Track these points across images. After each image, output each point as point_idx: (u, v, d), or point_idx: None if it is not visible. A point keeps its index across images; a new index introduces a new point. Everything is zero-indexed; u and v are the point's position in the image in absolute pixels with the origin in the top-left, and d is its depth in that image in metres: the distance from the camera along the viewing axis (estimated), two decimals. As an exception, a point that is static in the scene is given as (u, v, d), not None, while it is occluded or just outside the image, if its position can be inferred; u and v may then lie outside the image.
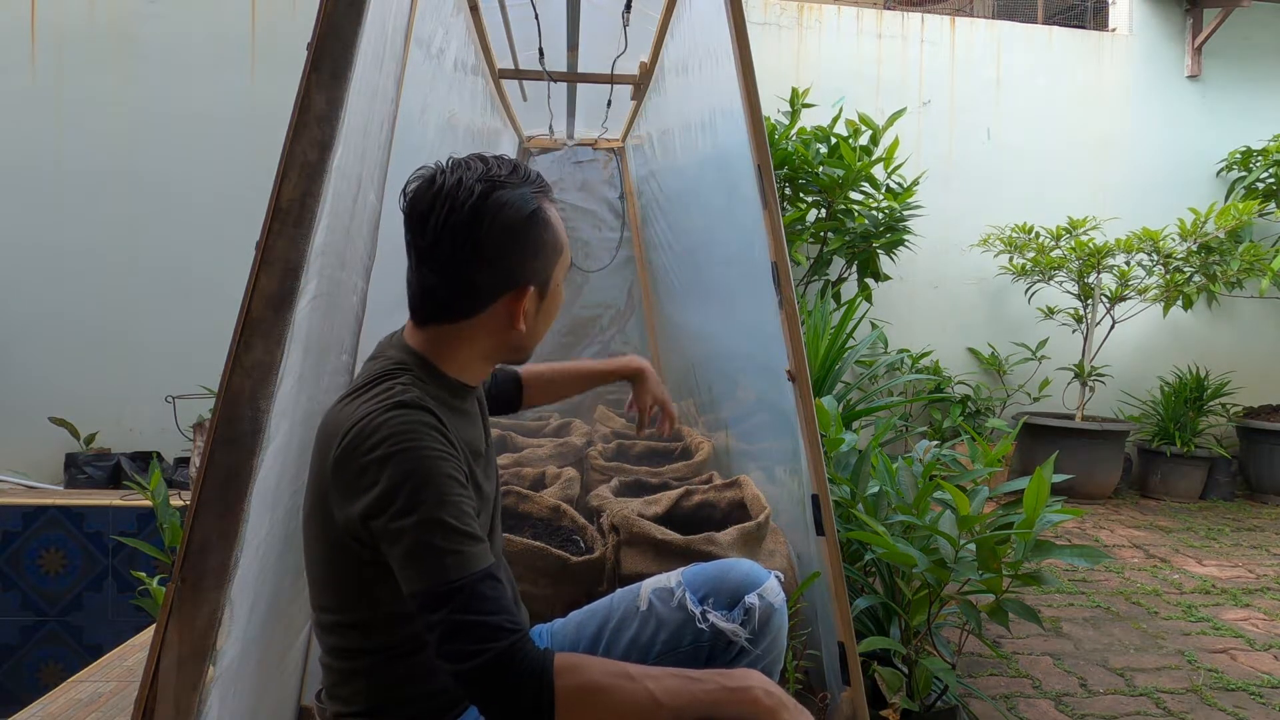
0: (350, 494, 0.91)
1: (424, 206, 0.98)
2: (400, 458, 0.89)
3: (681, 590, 1.16)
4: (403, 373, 1.00)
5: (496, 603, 0.86)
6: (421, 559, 0.86)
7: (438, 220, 0.97)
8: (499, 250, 0.99)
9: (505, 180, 0.99)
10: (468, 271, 0.99)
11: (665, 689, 0.89)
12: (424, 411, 0.93)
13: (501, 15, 2.38)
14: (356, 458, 0.90)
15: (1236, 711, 2.14)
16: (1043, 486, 1.65)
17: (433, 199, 0.98)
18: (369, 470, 0.89)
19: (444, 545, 0.87)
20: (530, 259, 1.02)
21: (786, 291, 1.50)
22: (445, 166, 1.01)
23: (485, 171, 0.99)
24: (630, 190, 3.88)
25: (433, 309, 1.02)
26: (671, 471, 2.36)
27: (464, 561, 0.87)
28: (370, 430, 0.90)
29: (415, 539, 0.87)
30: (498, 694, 0.84)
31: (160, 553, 1.93)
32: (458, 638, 0.84)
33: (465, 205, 0.96)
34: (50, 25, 4.03)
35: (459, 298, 1.01)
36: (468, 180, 0.98)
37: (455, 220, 0.96)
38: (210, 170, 4.09)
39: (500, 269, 1.00)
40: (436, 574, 0.86)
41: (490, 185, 0.98)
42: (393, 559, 0.89)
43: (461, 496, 0.91)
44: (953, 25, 5.17)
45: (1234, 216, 4.47)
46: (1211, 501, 4.87)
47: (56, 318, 4.01)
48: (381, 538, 0.89)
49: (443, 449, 0.92)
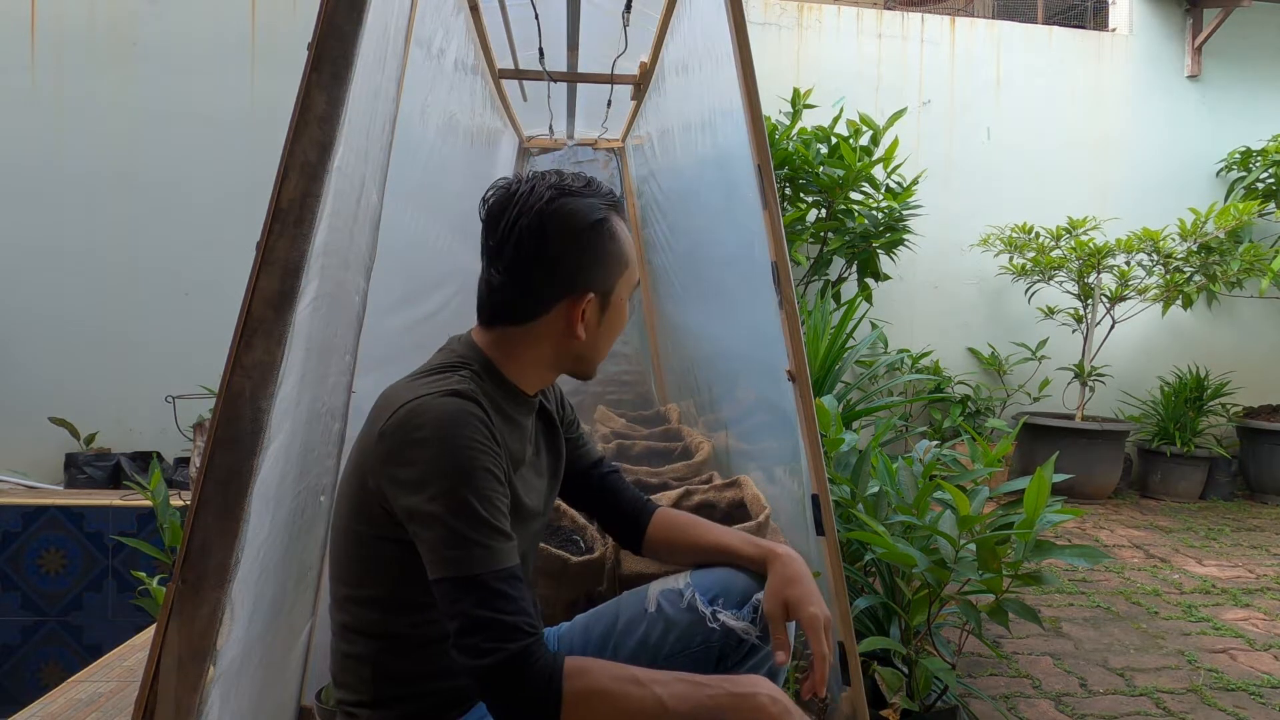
0: (390, 466, 0.93)
1: (497, 209, 1.04)
2: (443, 444, 0.91)
3: (691, 591, 1.16)
4: (464, 367, 1.04)
5: (517, 603, 0.88)
6: (450, 547, 0.89)
7: (507, 222, 1.02)
8: (561, 254, 1.02)
9: (577, 190, 1.04)
10: (531, 273, 1.03)
11: (672, 694, 0.90)
12: (475, 404, 0.96)
13: (501, 15, 2.38)
14: (403, 433, 0.93)
15: (1236, 711, 2.14)
16: (1043, 487, 1.65)
17: (506, 202, 1.03)
18: (413, 448, 0.92)
19: (473, 536, 0.89)
20: (592, 266, 1.05)
21: (786, 291, 1.50)
22: (522, 178, 1.06)
23: (558, 181, 1.04)
24: (630, 190, 3.88)
25: (497, 309, 1.06)
26: (671, 471, 2.36)
27: (490, 556, 0.89)
28: (421, 410, 0.93)
29: (447, 526, 0.89)
30: (507, 693, 0.86)
31: (160, 553, 1.93)
32: (476, 632, 0.86)
33: (533, 209, 1.01)
34: (50, 25, 4.03)
35: (522, 299, 1.04)
36: (540, 188, 1.03)
37: (523, 222, 1.01)
38: (210, 170, 4.09)
39: (562, 273, 1.03)
40: (462, 564, 0.88)
41: (560, 192, 1.03)
42: (420, 542, 0.91)
43: (496, 492, 0.93)
44: (953, 25, 5.18)
45: (1234, 217, 4.47)
46: (1211, 501, 4.87)
47: (56, 318, 4.01)
48: (412, 518, 0.91)
49: (486, 443, 0.94)
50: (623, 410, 3.35)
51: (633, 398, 3.78)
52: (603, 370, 1.53)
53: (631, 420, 3.17)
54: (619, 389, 3.78)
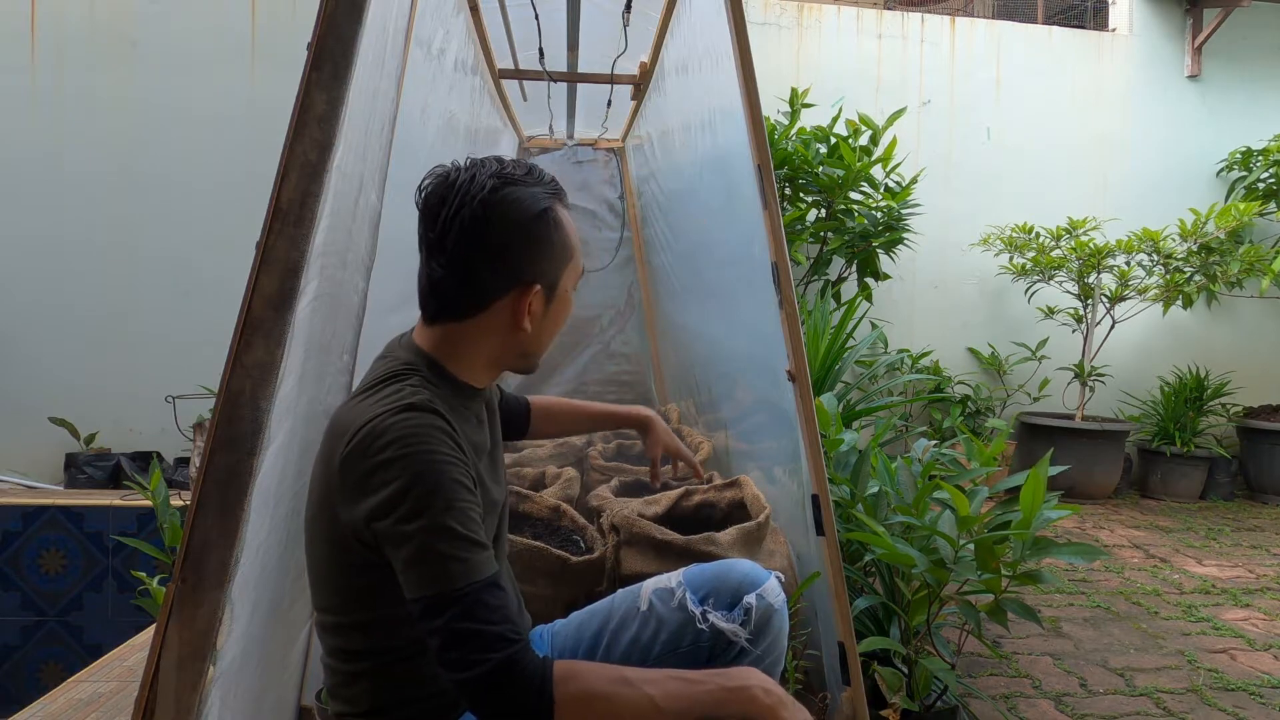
0: (357, 495, 0.91)
1: (436, 200, 0.99)
2: (409, 461, 0.89)
3: (682, 590, 1.16)
4: (411, 374, 1.00)
5: (499, 611, 0.86)
6: (425, 564, 0.86)
7: (448, 213, 0.98)
8: (506, 244, 0.99)
9: (519, 179, 1.00)
10: (474, 265, 0.99)
11: (664, 693, 0.89)
12: (434, 415, 0.93)
13: (501, 15, 2.38)
14: (365, 459, 0.90)
15: (1236, 711, 2.14)
16: (1039, 485, 1.64)
17: (445, 192, 0.99)
18: (377, 472, 0.89)
19: (449, 551, 0.86)
20: (537, 257, 1.02)
21: (786, 291, 1.50)
22: (462, 165, 1.01)
23: (499, 169, 1.00)
24: (630, 190, 3.88)
25: (440, 305, 1.02)
26: (671, 472, 2.35)
27: (468, 569, 0.87)
28: (380, 432, 0.90)
29: (420, 544, 0.86)
30: (496, 703, 0.85)
31: (160, 553, 1.93)
32: (458, 646, 0.84)
33: (476, 199, 0.97)
34: (50, 25, 4.03)
35: (465, 293, 1.01)
36: (481, 176, 0.99)
37: (465, 213, 0.97)
38: (210, 170, 4.09)
39: (507, 264, 1.00)
40: (440, 580, 0.86)
41: (502, 181, 0.99)
42: (396, 562, 0.89)
43: (468, 503, 0.91)
44: (953, 25, 5.17)
45: (1234, 217, 4.47)
46: (1211, 501, 4.87)
47: (56, 318, 4.01)
48: (386, 540, 0.89)
49: (452, 454, 0.92)
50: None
51: (633, 398, 3.77)
52: (602, 370, 1.52)
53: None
54: (619, 389, 3.78)
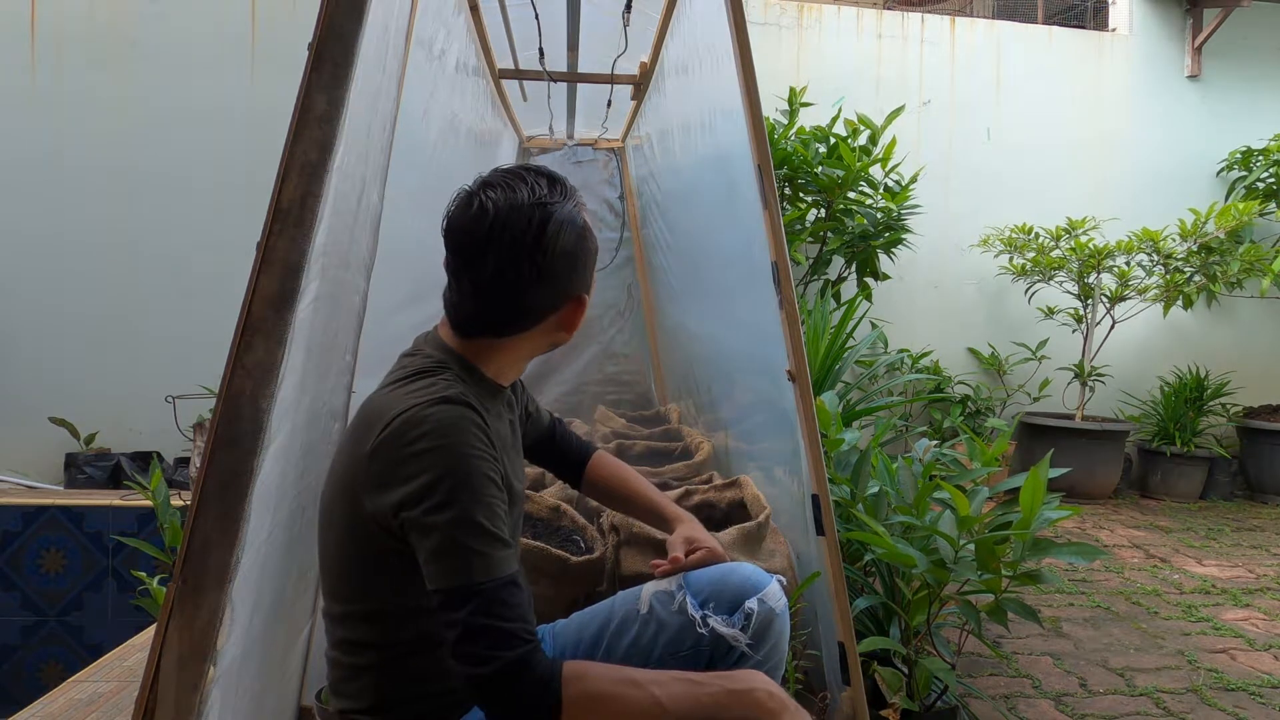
0: (386, 483, 0.92)
1: (480, 238, 0.98)
2: (443, 452, 0.90)
3: (682, 594, 1.16)
4: (444, 369, 1.01)
5: (516, 610, 0.88)
6: (450, 557, 0.88)
7: (500, 252, 0.97)
8: (557, 271, 1.01)
9: (554, 201, 1.00)
10: (526, 294, 1.01)
11: (670, 694, 0.90)
12: (469, 409, 0.95)
13: (502, 15, 2.38)
14: (399, 448, 0.91)
15: (1236, 711, 2.14)
16: (1038, 485, 1.64)
17: (489, 231, 0.97)
18: (410, 461, 0.91)
19: (474, 546, 0.88)
20: (584, 270, 1.05)
21: (786, 291, 1.50)
22: (488, 194, 0.99)
23: (534, 196, 0.99)
24: (630, 190, 3.88)
25: (484, 326, 1.04)
26: (671, 471, 2.36)
27: (491, 565, 0.88)
28: (416, 421, 0.92)
29: (447, 536, 0.88)
30: (505, 700, 0.86)
31: (160, 553, 1.93)
32: (474, 640, 0.86)
33: (527, 236, 0.97)
34: (50, 25, 4.03)
35: (515, 317, 1.03)
36: (520, 206, 0.98)
37: (519, 251, 0.97)
38: (211, 170, 4.09)
39: (558, 286, 1.03)
40: (463, 574, 0.88)
41: (545, 211, 0.98)
42: (421, 553, 0.90)
43: (496, 499, 0.92)
44: (953, 25, 5.17)
45: (1234, 217, 4.47)
46: (1211, 501, 4.87)
47: (56, 318, 4.01)
48: (413, 530, 0.91)
49: (484, 449, 0.94)
50: (623, 410, 3.35)
51: (633, 398, 3.78)
52: (602, 370, 1.51)
53: (631, 420, 3.17)
54: (619, 389, 3.78)
